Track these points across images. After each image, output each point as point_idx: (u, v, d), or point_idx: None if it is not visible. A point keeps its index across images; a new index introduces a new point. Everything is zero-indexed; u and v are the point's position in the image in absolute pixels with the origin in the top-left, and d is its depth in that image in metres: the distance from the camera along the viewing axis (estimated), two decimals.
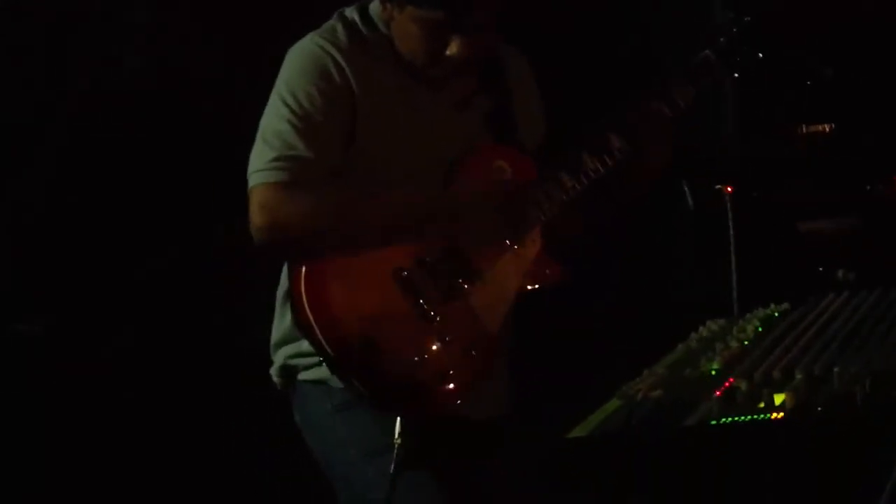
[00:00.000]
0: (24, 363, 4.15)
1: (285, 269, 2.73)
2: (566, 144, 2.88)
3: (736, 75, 2.89)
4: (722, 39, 2.85)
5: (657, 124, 2.81)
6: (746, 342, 2.79)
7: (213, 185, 4.07)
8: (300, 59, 2.73)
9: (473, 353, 2.71)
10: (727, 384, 2.44)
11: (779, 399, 2.32)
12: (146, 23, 4.34)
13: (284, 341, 2.82)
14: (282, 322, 2.82)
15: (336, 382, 2.70)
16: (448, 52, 2.70)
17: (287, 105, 2.68)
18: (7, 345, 4.16)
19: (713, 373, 2.59)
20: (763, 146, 4.43)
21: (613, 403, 2.54)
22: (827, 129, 4.28)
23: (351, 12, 2.81)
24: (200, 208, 4.27)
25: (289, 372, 2.83)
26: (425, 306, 2.67)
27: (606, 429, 2.39)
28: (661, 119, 2.81)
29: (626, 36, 4.81)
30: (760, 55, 2.85)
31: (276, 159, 2.64)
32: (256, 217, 2.63)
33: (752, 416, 2.30)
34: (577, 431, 2.39)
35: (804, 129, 4.30)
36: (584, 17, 4.81)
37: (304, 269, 2.63)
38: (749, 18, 2.85)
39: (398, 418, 2.62)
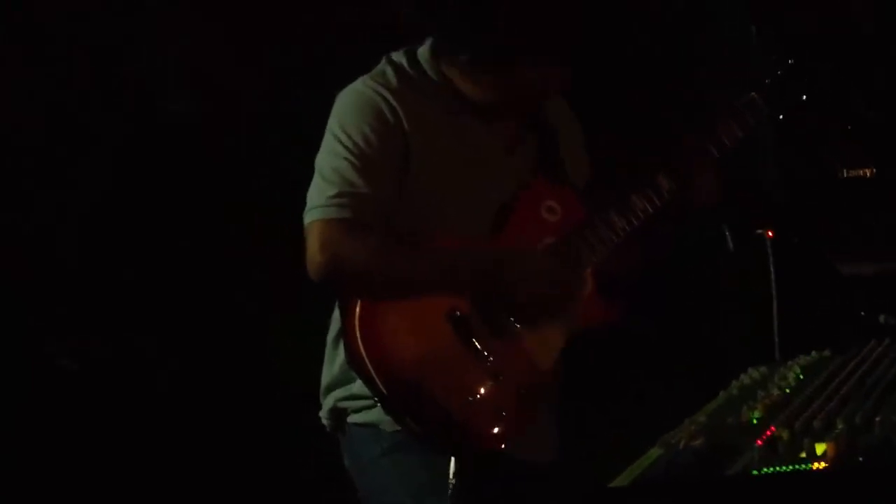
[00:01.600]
0: (63, 397, 4.19)
1: (336, 313, 2.77)
2: (611, 182, 2.90)
3: (781, 117, 2.90)
4: (767, 81, 2.87)
5: (704, 164, 2.84)
6: (788, 390, 2.79)
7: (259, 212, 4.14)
8: (353, 100, 2.78)
9: (526, 392, 2.72)
10: (768, 433, 2.45)
11: (820, 448, 2.33)
12: (189, 50, 4.39)
13: (335, 385, 2.85)
14: (332, 365, 2.86)
15: (386, 426, 2.73)
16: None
17: (342, 143, 2.73)
18: (47, 379, 4.21)
19: (754, 421, 2.59)
20: (804, 189, 4.42)
21: (654, 452, 2.55)
22: (868, 174, 4.27)
23: (399, 56, 2.86)
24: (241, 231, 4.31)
25: (339, 415, 2.86)
26: (478, 346, 2.70)
27: (648, 478, 2.40)
28: (708, 159, 2.84)
29: (665, 71, 4.82)
30: (805, 97, 2.87)
31: (337, 196, 2.68)
32: (316, 253, 2.67)
33: (794, 465, 2.30)
34: (619, 481, 2.40)
35: (846, 173, 4.29)
36: (623, 53, 4.83)
37: (358, 305, 2.66)
38: (793, 60, 2.87)
39: (451, 459, 2.64)
